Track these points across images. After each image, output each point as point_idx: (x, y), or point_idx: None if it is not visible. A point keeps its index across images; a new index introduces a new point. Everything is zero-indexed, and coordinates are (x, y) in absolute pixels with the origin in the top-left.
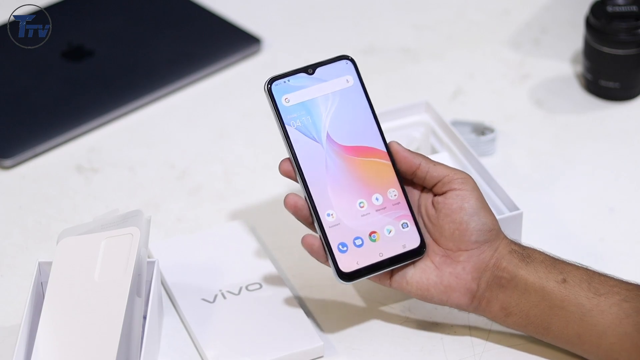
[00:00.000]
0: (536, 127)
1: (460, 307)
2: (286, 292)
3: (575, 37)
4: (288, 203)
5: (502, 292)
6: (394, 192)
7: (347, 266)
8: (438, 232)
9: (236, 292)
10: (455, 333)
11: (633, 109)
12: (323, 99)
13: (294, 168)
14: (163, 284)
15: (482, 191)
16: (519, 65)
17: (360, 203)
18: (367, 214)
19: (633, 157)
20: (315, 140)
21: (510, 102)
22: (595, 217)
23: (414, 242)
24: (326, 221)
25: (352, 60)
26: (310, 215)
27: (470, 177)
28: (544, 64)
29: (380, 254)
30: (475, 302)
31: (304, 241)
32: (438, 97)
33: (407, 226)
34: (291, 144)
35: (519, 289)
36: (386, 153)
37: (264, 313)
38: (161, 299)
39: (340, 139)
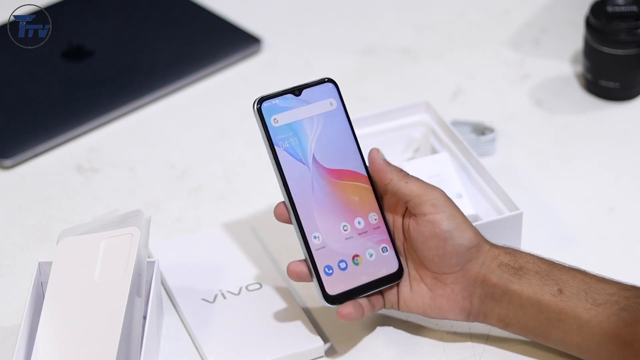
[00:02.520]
0: (536, 127)
1: (460, 321)
2: (286, 292)
3: (575, 37)
4: (291, 272)
5: (497, 306)
6: (375, 216)
7: (333, 289)
8: (420, 258)
9: (236, 292)
10: (455, 333)
11: (633, 109)
12: (309, 121)
13: (282, 189)
14: (163, 284)
15: (482, 191)
16: (519, 65)
17: (344, 226)
18: (350, 237)
19: (633, 157)
20: (302, 162)
21: (510, 102)
22: (595, 217)
23: (392, 267)
24: (313, 244)
25: (335, 83)
26: (297, 237)
27: (443, 194)
28: (544, 64)
29: (363, 278)
30: (473, 317)
31: (290, 271)
32: (438, 97)
33: (387, 250)
34: (280, 165)
35: (513, 303)
36: (367, 177)
37: (264, 313)
38: (161, 299)
39: (325, 161)
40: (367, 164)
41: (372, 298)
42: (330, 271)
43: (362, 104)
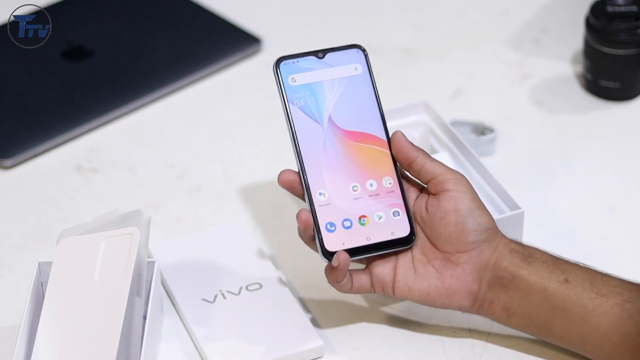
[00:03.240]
0: (536, 127)
1: (462, 310)
2: (286, 292)
3: (575, 37)
4: (282, 180)
5: (504, 293)
6: (390, 180)
7: (332, 246)
8: (435, 236)
9: (236, 292)
10: (455, 333)
11: (633, 109)
12: (329, 83)
13: (293, 148)
14: (163, 284)
15: (483, 191)
16: (519, 65)
17: (353, 186)
18: (359, 198)
19: (633, 157)
20: (316, 121)
21: (510, 102)
22: (595, 217)
23: (403, 231)
24: (317, 200)
25: (364, 50)
26: (303, 193)
27: (465, 177)
28: (544, 64)
29: (368, 238)
30: (478, 304)
31: (300, 218)
32: (438, 97)
33: (399, 214)
34: (291, 121)
35: (520, 290)
36: (386, 142)
37: (264, 313)
38: (161, 299)
39: (342, 122)
40: (389, 137)
41: (355, 275)
42: (333, 228)
43: None
